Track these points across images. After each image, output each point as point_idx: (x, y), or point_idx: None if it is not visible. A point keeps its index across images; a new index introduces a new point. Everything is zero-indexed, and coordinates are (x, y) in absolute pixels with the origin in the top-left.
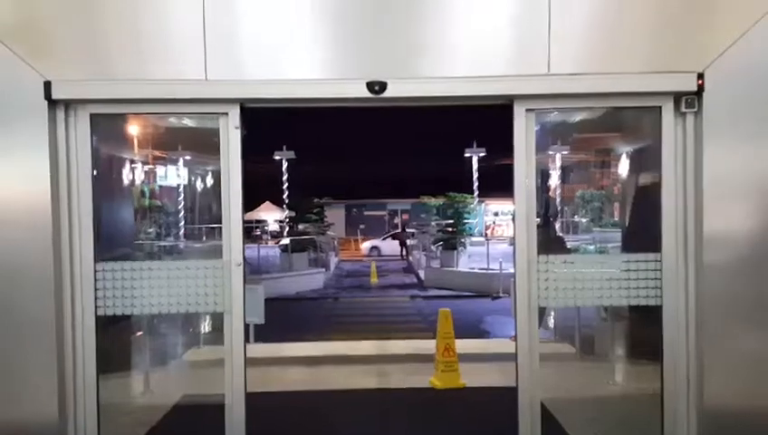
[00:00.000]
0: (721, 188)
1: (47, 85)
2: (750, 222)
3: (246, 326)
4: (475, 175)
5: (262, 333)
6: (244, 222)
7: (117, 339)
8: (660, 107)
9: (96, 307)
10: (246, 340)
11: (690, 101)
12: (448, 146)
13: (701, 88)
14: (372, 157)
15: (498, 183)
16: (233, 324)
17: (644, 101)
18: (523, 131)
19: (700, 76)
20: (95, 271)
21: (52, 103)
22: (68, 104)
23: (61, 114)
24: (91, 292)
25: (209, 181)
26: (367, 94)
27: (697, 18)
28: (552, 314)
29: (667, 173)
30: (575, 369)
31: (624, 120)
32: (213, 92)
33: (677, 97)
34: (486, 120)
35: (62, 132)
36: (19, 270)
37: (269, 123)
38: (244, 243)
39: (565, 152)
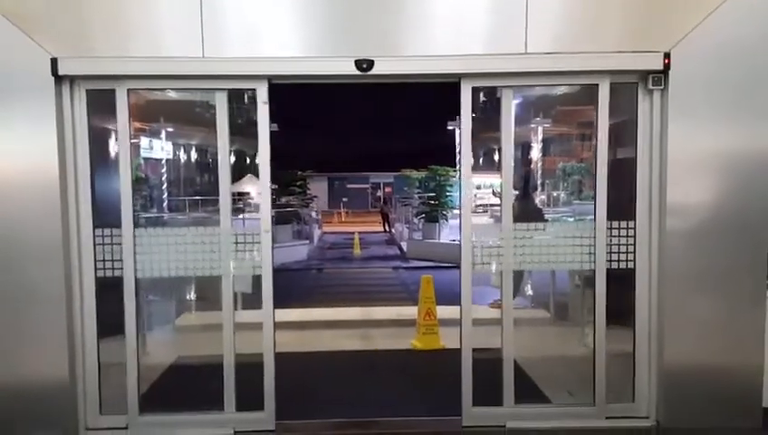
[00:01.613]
0: (683, 161)
1: (54, 62)
2: (708, 194)
3: (234, 295)
4: (458, 148)
5: (252, 303)
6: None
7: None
8: (637, 84)
9: (135, 270)
10: (234, 307)
11: (657, 79)
12: (432, 119)
13: (667, 67)
14: (356, 130)
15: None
16: (264, 287)
17: (614, 79)
18: (465, 106)
19: (666, 55)
20: (134, 236)
21: (59, 79)
22: (73, 80)
23: (66, 89)
24: (130, 255)
25: (194, 155)
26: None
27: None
28: (530, 283)
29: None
30: (549, 332)
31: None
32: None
33: (645, 75)
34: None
35: (67, 106)
36: (29, 236)
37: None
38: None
39: (547, 125)
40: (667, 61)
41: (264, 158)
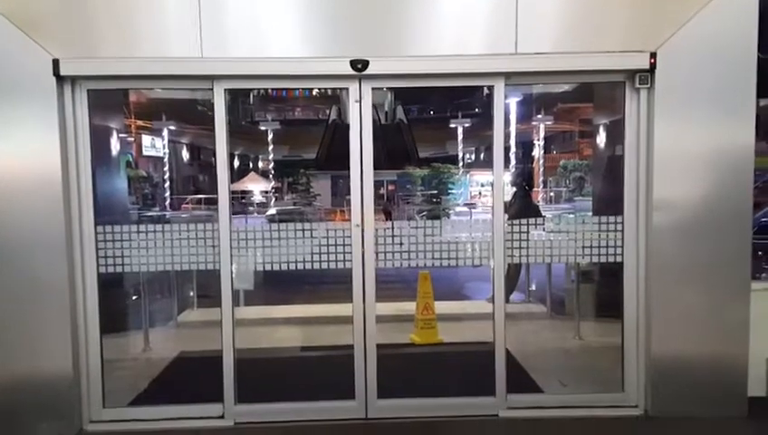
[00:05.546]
0: (669, 158)
1: (55, 63)
2: (694, 190)
3: (236, 292)
4: (461, 145)
5: (254, 300)
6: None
7: (118, 302)
8: (624, 83)
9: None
10: (236, 304)
11: (644, 78)
12: (435, 117)
13: (653, 66)
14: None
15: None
16: (354, 282)
17: (603, 78)
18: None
19: (653, 55)
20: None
21: (60, 79)
22: (74, 80)
23: (68, 89)
24: (227, 249)
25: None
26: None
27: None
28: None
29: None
30: (545, 326)
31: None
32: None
33: (632, 74)
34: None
35: (69, 106)
36: (33, 233)
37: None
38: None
39: (549, 123)
40: (653, 60)
41: (354, 155)
